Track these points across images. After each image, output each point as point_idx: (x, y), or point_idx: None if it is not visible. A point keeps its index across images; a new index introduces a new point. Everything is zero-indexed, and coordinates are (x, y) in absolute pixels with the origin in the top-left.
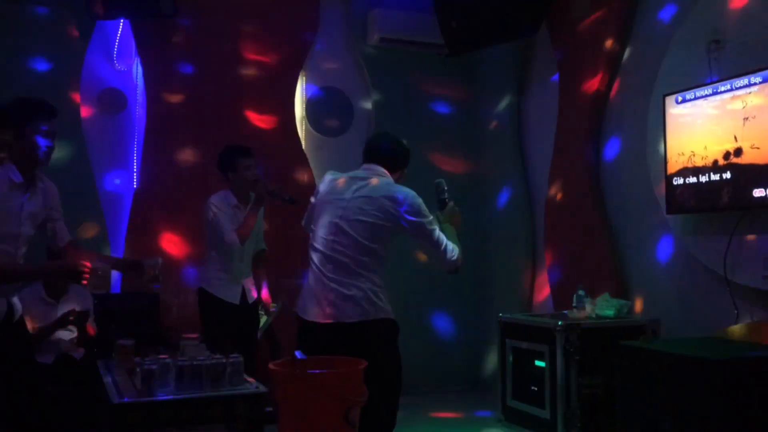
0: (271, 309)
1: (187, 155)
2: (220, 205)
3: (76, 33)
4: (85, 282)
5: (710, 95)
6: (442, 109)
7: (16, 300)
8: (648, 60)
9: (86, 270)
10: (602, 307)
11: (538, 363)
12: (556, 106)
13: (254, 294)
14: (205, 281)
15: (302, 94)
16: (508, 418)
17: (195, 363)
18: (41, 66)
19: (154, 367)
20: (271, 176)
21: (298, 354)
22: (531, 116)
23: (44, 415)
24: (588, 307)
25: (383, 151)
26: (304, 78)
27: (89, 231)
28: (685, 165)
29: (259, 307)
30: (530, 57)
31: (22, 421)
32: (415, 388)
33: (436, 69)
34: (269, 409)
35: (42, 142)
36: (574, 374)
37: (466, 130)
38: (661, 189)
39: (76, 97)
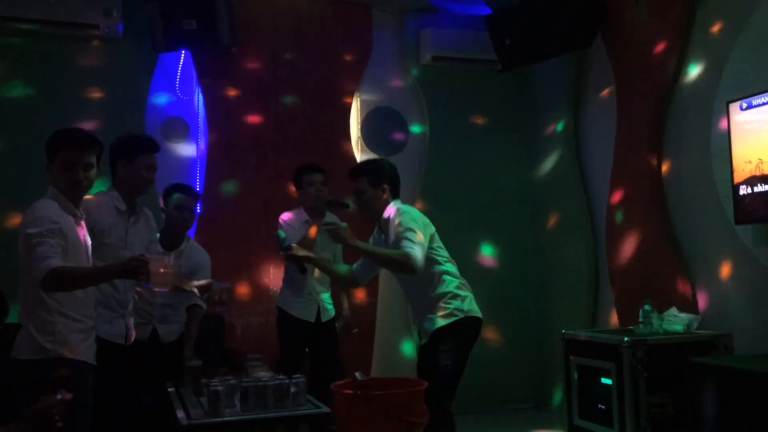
0: (354, 330)
1: (248, 180)
2: (289, 221)
3: (139, 65)
4: (142, 278)
5: None
6: (497, 125)
7: (131, 322)
8: (709, 67)
9: (142, 264)
10: (670, 322)
11: (605, 380)
12: (614, 118)
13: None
14: (280, 299)
15: (357, 114)
16: None
17: (259, 384)
18: (107, 97)
19: (220, 388)
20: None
21: (358, 375)
22: (588, 129)
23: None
24: (655, 322)
25: None
26: (358, 99)
27: None
28: (753, 173)
29: (337, 324)
30: (586, 69)
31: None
32: (478, 406)
33: (489, 85)
34: (333, 428)
35: (145, 174)
36: (643, 392)
37: (522, 145)
38: (728, 199)
39: (142, 126)
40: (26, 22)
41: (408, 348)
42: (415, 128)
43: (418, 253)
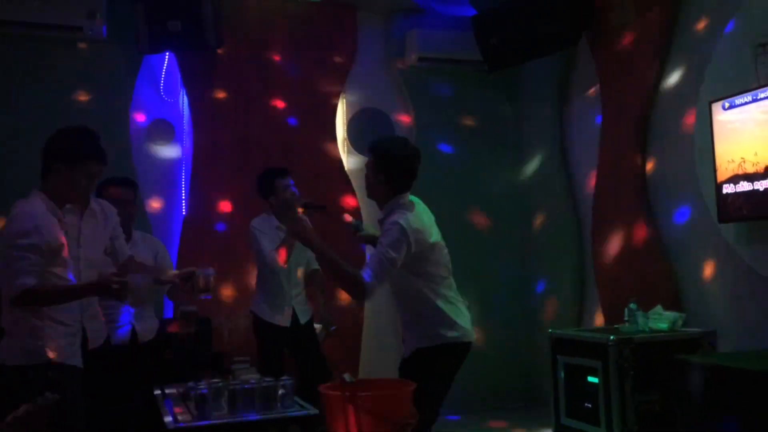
0: (331, 329)
1: (233, 182)
2: (261, 227)
3: (124, 67)
4: (121, 296)
5: (759, 100)
6: (483, 125)
7: (96, 324)
8: (692, 67)
9: (115, 284)
10: (655, 321)
11: (591, 379)
12: (599, 117)
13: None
14: (254, 305)
15: (343, 115)
16: None
17: (247, 386)
18: (92, 100)
19: (207, 391)
20: (303, 192)
21: (346, 377)
22: (574, 128)
23: None
24: (640, 321)
25: None
26: (344, 99)
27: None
28: (736, 172)
29: (316, 325)
30: (571, 68)
31: None
32: (468, 406)
33: (475, 86)
34: (322, 430)
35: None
36: (630, 390)
37: (508, 145)
38: (711, 197)
39: (127, 129)
40: (9, 25)
41: (396, 350)
42: (402, 128)
43: (374, 283)
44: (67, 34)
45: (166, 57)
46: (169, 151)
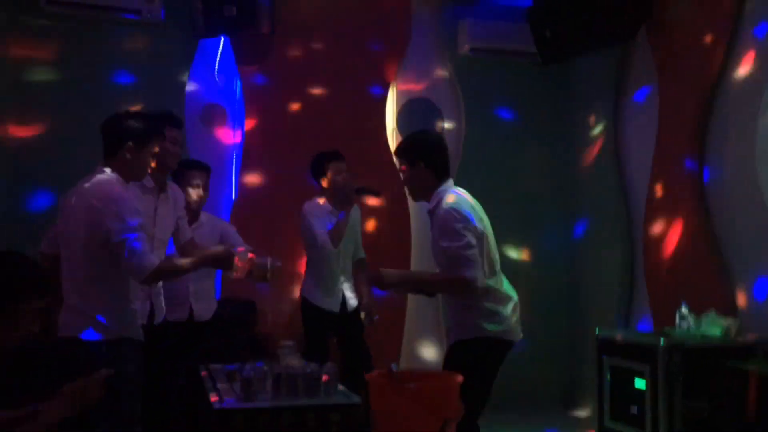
0: (374, 318)
1: (283, 167)
2: (313, 210)
3: (180, 51)
4: (238, 274)
5: None
6: (534, 118)
7: (160, 301)
8: (758, 63)
9: (231, 256)
10: (708, 326)
11: (638, 382)
12: (655, 114)
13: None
14: (304, 289)
15: (393, 105)
16: None
17: (291, 372)
18: (148, 82)
19: (252, 374)
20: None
21: (393, 366)
22: (628, 125)
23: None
24: (692, 325)
25: None
26: (394, 90)
27: None
28: None
29: (363, 316)
30: (627, 63)
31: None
32: (506, 404)
33: (527, 78)
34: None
35: (171, 149)
36: (678, 396)
37: (559, 140)
38: None
39: (181, 112)
40: (72, 6)
41: (438, 341)
42: (452, 118)
43: (477, 272)
44: (126, 17)
45: (221, 41)
46: (221, 135)
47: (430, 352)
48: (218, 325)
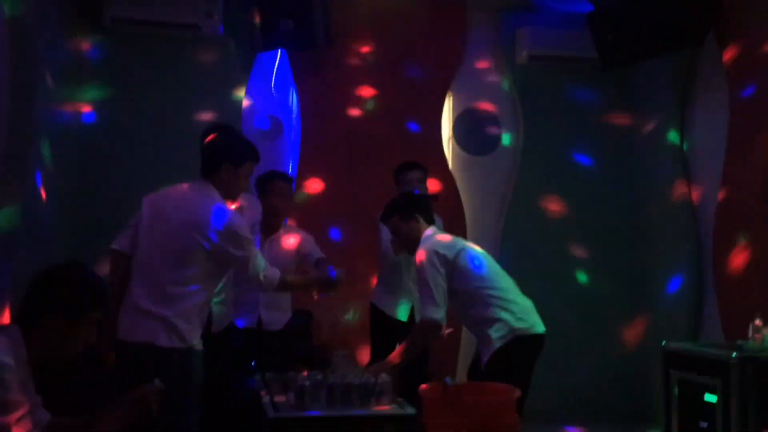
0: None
1: (339, 178)
2: None
3: (238, 64)
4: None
5: None
6: (594, 127)
7: (219, 309)
8: None
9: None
10: None
11: (708, 397)
12: (725, 120)
13: None
14: (375, 295)
15: (450, 114)
16: None
17: (345, 381)
18: (208, 96)
19: (307, 383)
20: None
21: (448, 380)
22: (696, 131)
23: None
24: (767, 338)
25: None
26: (451, 98)
27: None
28: None
29: None
30: (695, 68)
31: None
32: (571, 419)
33: (588, 85)
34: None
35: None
36: (753, 412)
37: (622, 147)
38: None
39: (239, 125)
40: (134, 24)
41: None
42: (510, 127)
43: (437, 312)
44: (186, 33)
45: (278, 54)
46: (278, 147)
47: None
48: (281, 335)
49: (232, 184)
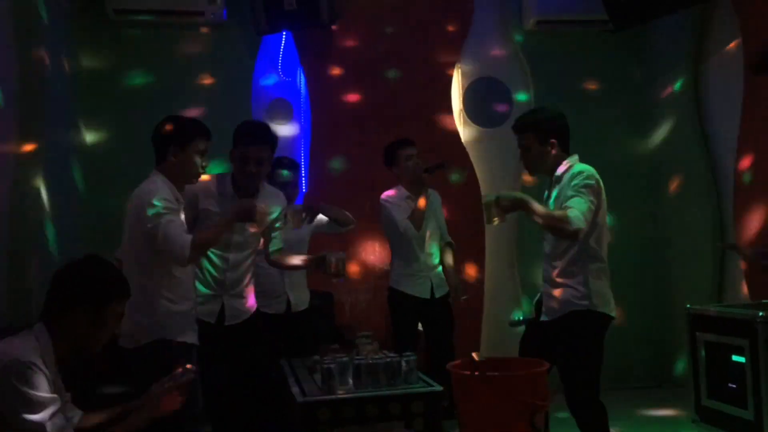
0: (462, 298)
1: (351, 157)
2: (391, 199)
3: (244, 49)
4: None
5: None
6: (608, 90)
7: (233, 303)
8: None
9: (252, 206)
10: None
11: (736, 358)
12: (740, 76)
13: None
14: (392, 280)
15: (459, 86)
16: (703, 418)
17: (371, 361)
18: (214, 82)
19: (333, 365)
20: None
21: (475, 355)
22: (710, 89)
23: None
24: None
25: None
26: (459, 70)
27: None
28: None
29: (450, 297)
30: (706, 25)
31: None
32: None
33: (599, 48)
34: (445, 404)
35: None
36: None
37: (637, 111)
38: None
39: (248, 110)
40: (138, 13)
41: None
42: (521, 96)
43: (578, 217)
44: (190, 19)
45: (283, 37)
46: (288, 130)
47: (510, 340)
48: (306, 315)
49: (184, 164)
